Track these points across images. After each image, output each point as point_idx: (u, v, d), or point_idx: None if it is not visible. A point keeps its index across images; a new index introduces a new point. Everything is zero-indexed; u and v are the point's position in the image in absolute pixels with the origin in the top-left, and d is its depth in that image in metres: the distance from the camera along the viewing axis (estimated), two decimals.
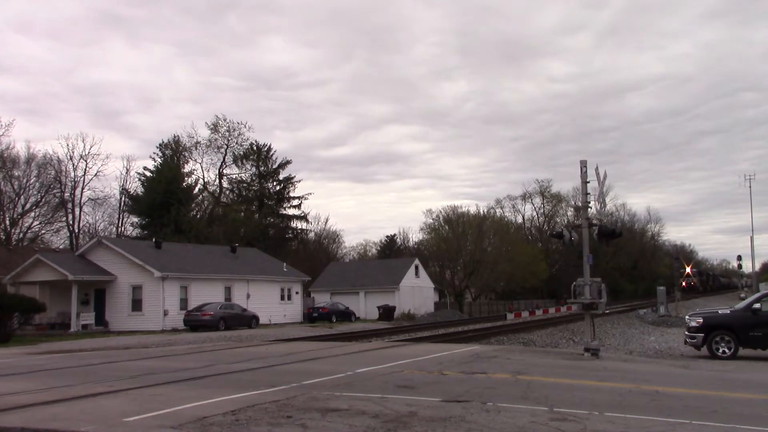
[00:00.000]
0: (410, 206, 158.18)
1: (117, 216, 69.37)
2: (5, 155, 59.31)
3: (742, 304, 20.53)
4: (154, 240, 46.76)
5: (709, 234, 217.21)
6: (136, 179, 70.89)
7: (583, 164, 18.58)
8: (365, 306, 57.13)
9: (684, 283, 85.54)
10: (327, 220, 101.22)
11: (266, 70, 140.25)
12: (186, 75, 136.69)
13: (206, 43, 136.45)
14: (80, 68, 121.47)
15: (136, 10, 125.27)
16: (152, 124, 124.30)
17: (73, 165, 63.66)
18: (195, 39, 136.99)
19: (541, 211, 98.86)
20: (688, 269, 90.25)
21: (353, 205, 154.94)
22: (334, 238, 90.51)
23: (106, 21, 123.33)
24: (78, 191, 64.21)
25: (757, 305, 19.11)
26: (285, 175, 79.47)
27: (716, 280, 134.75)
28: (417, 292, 60.10)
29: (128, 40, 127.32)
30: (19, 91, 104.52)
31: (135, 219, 70.53)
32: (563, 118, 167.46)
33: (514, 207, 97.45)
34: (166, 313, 38.76)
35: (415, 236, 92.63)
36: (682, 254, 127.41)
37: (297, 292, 50.39)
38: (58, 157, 63.44)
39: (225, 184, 76.88)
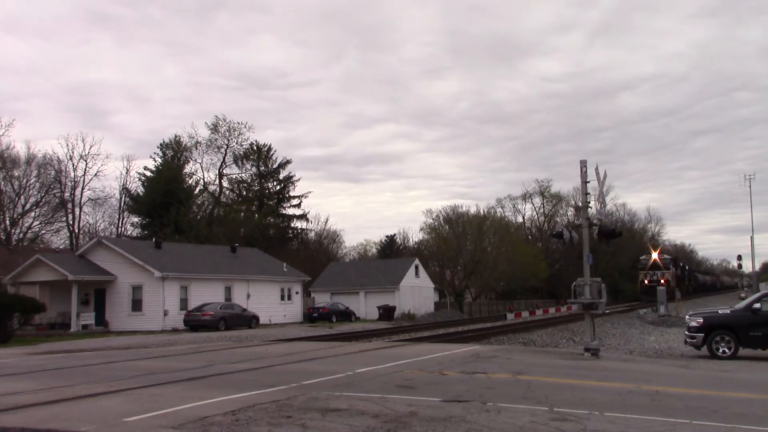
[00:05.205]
0: (406, 206, 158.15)
1: (117, 216, 69.51)
2: (5, 155, 59.46)
3: (742, 304, 20.51)
4: (154, 240, 46.79)
5: (707, 234, 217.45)
6: (137, 179, 71.06)
7: (583, 164, 18.59)
8: (365, 306, 57.08)
9: (647, 281, 63.64)
10: (327, 220, 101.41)
11: (257, 69, 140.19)
12: (176, 75, 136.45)
13: (196, 42, 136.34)
14: (70, 68, 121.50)
15: (124, 9, 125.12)
16: (144, 123, 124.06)
17: (73, 165, 63.84)
18: (185, 38, 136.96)
19: (541, 211, 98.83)
20: (655, 255, 67.73)
21: (350, 205, 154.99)
22: (334, 238, 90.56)
23: (95, 20, 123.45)
24: (78, 191, 64.37)
25: (757, 305, 19.11)
26: (285, 175, 79.65)
27: (693, 278, 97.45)
28: (417, 292, 60.04)
29: (117, 39, 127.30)
30: (11, 91, 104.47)
31: (135, 219, 70.53)
32: (557, 117, 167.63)
33: (514, 207, 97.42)
34: (166, 313, 38.76)
35: (415, 236, 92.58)
36: (682, 254, 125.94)
37: (297, 292, 50.39)
38: (58, 157, 63.68)
39: (225, 184, 77.07)
